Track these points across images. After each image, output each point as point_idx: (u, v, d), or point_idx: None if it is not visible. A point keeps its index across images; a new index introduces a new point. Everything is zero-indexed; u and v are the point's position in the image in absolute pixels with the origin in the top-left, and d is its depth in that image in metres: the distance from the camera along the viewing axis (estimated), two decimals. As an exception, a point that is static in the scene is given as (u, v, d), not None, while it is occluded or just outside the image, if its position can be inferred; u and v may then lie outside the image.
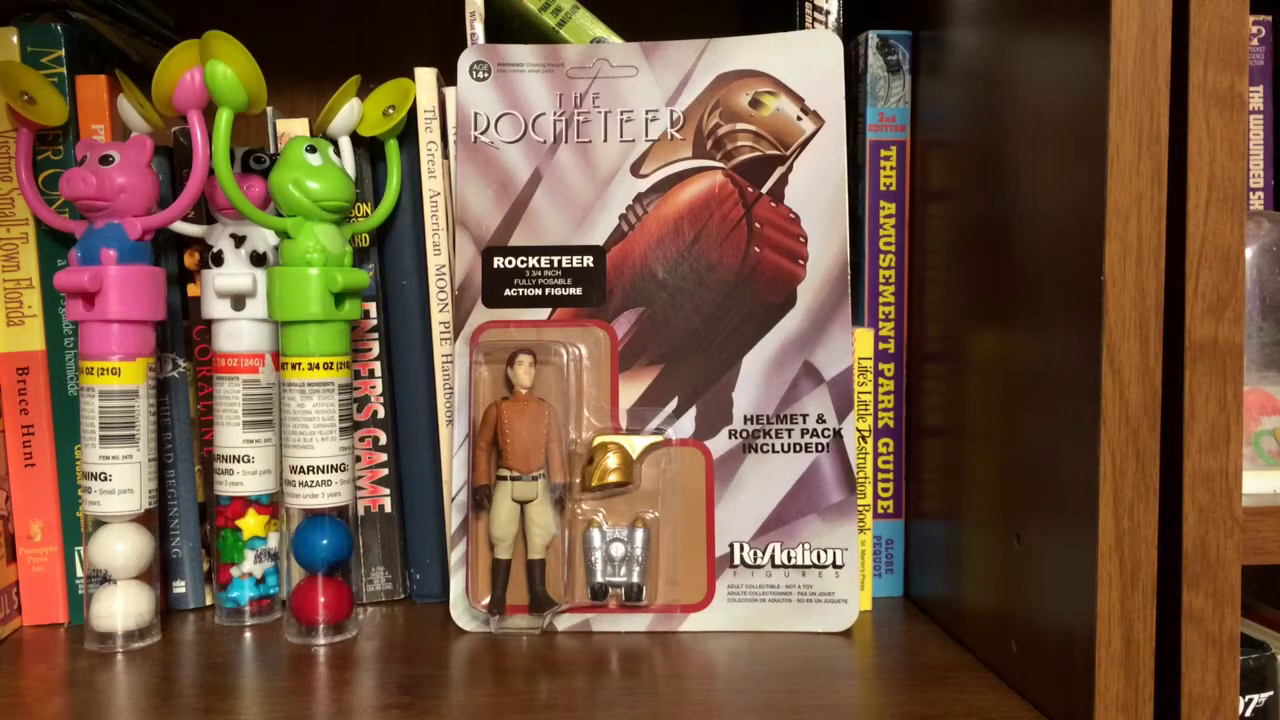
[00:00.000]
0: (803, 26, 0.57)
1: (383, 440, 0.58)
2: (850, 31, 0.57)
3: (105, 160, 0.51)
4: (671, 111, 0.54)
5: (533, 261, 0.54)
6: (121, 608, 0.52)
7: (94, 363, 0.51)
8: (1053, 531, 0.42)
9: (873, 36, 0.56)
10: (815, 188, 0.53)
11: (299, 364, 0.52)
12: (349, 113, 0.55)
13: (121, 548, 0.52)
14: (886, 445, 0.58)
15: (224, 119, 0.50)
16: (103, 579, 0.52)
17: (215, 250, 0.55)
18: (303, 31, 0.70)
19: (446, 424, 0.57)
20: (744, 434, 0.53)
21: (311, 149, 0.52)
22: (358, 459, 0.57)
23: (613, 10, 0.58)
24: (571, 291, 0.54)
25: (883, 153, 0.57)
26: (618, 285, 0.54)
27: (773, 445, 0.53)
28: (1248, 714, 0.45)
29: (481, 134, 0.55)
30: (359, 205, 0.58)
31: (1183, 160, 0.38)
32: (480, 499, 0.53)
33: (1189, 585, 0.39)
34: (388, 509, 0.58)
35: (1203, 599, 0.39)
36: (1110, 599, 0.38)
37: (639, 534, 0.53)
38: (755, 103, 0.54)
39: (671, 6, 0.67)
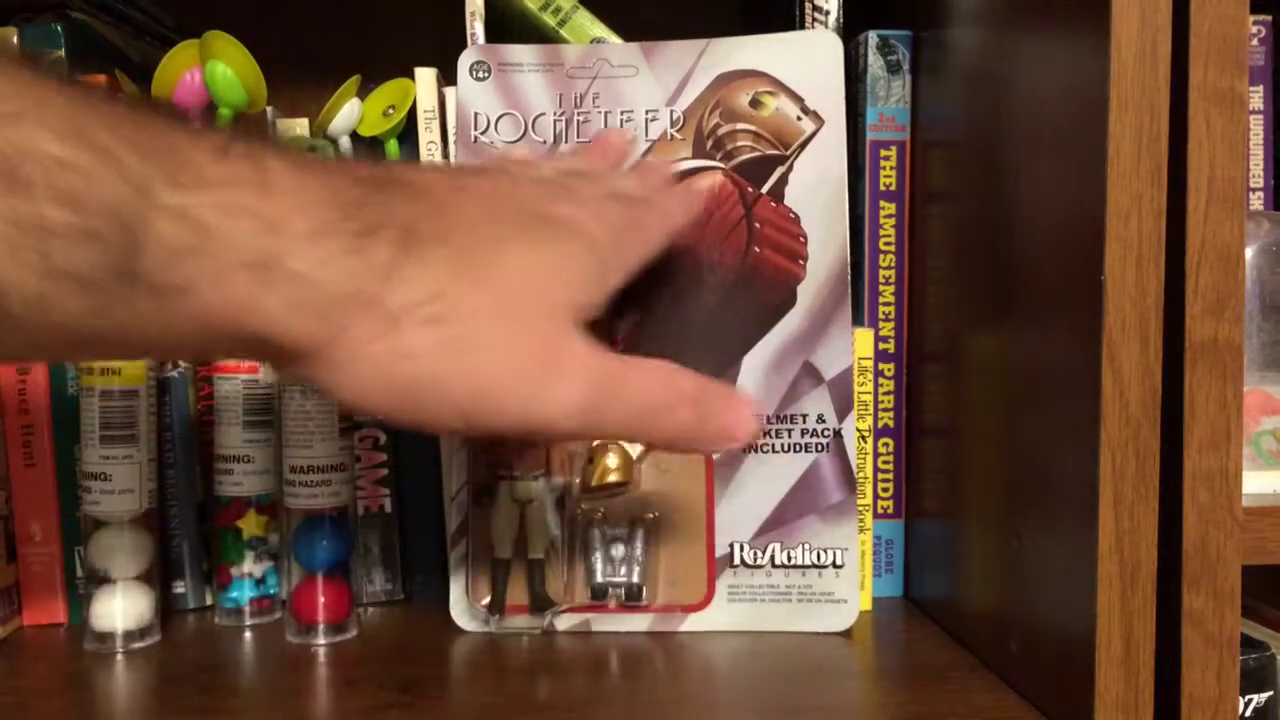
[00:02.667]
0: (803, 26, 0.57)
1: (382, 440, 0.58)
2: (850, 31, 0.57)
3: (105, 160, 0.51)
4: (671, 111, 0.54)
5: (533, 261, 0.54)
6: (121, 608, 0.52)
7: (94, 363, 0.51)
8: (1053, 531, 0.42)
9: (873, 36, 0.56)
10: (815, 188, 0.53)
11: (299, 364, 0.52)
12: (349, 113, 0.55)
13: (121, 548, 0.52)
14: (886, 445, 0.58)
15: (224, 119, 0.50)
16: (102, 579, 0.52)
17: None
18: (303, 31, 0.70)
19: (446, 424, 0.57)
20: (744, 434, 0.53)
21: (311, 149, 0.52)
22: (358, 459, 0.57)
23: (613, 10, 0.57)
24: (571, 291, 0.54)
25: (883, 153, 0.57)
26: (618, 285, 0.54)
27: (773, 445, 0.53)
28: (1248, 714, 0.45)
29: (481, 134, 0.55)
30: (359, 205, 0.57)
31: (1183, 160, 0.38)
32: (480, 498, 0.53)
33: (1189, 585, 0.39)
34: (388, 509, 0.58)
35: (1203, 599, 0.39)
36: (1110, 599, 0.38)
37: (639, 534, 0.53)
38: (755, 103, 0.54)
39: (671, 6, 0.67)
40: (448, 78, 0.56)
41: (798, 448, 0.53)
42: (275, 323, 0.30)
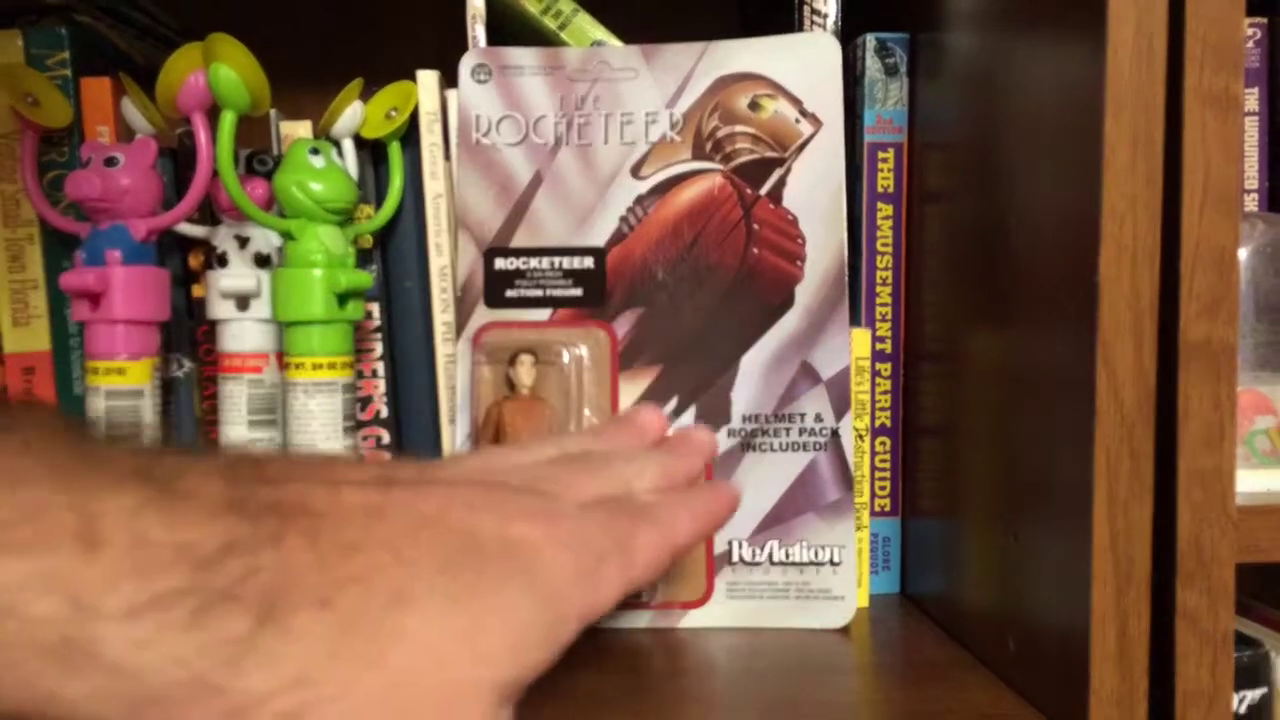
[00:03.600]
0: (801, 29, 0.57)
1: (385, 439, 0.59)
2: (848, 34, 0.57)
3: (110, 162, 0.51)
4: (671, 114, 0.55)
5: (534, 263, 0.54)
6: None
7: (100, 363, 0.51)
8: (1048, 530, 0.42)
9: (870, 39, 0.57)
10: (813, 189, 0.54)
11: (302, 364, 0.52)
12: (352, 115, 0.56)
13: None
14: (883, 444, 0.58)
15: (227, 121, 0.50)
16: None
17: (219, 252, 0.55)
18: (306, 34, 0.70)
19: (449, 423, 0.58)
20: (742, 433, 0.54)
21: (315, 151, 0.52)
22: (361, 459, 0.58)
23: (613, 13, 0.58)
24: (572, 292, 0.54)
25: (880, 155, 0.57)
26: (618, 286, 0.54)
27: (771, 444, 0.53)
28: (1241, 710, 0.45)
29: (483, 136, 0.55)
30: (362, 207, 0.58)
31: (1178, 162, 0.38)
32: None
33: (1183, 583, 0.39)
34: (390, 508, 0.59)
35: (1197, 597, 0.39)
36: (1105, 597, 0.38)
37: (639, 532, 0.53)
38: (754, 105, 0.54)
39: (671, 9, 0.67)
40: (449, 80, 0.57)
41: (796, 447, 0.53)
42: (78, 713, 0.24)
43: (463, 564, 0.28)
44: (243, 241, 0.55)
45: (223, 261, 0.55)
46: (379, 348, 0.59)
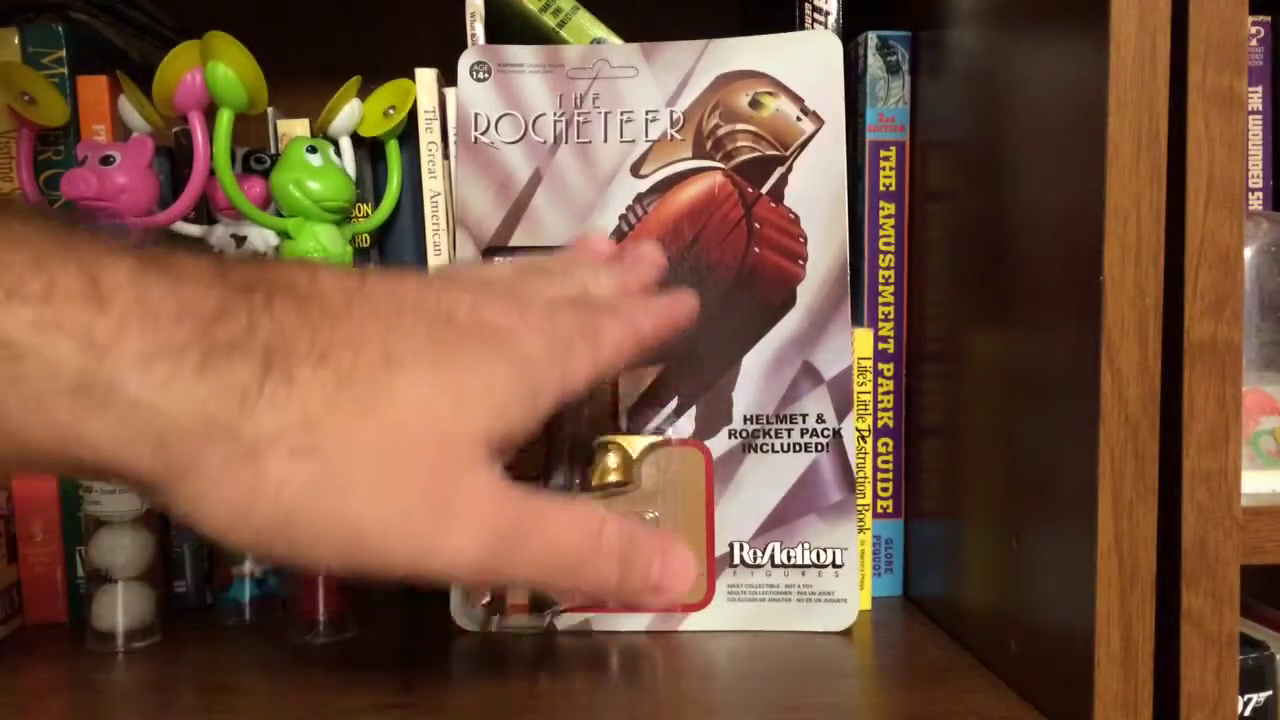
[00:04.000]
0: (802, 27, 0.57)
1: (383, 440, 0.58)
2: (850, 32, 0.57)
3: (106, 161, 0.51)
4: (671, 112, 0.54)
5: (533, 262, 0.54)
6: (122, 607, 0.52)
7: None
8: (1052, 531, 0.42)
9: (872, 37, 0.56)
10: (815, 188, 0.54)
11: (299, 364, 0.52)
12: (350, 113, 0.55)
13: (122, 547, 0.52)
14: (886, 445, 0.58)
15: (224, 119, 0.50)
16: (103, 578, 0.52)
17: (216, 251, 0.55)
18: (304, 32, 0.70)
19: (447, 424, 0.57)
20: (744, 434, 0.53)
21: (312, 149, 0.52)
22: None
23: (613, 11, 0.58)
24: (572, 292, 0.54)
25: (882, 153, 0.57)
26: (618, 285, 0.54)
27: (772, 445, 0.53)
28: (1246, 713, 0.45)
29: (482, 134, 0.55)
30: (359, 205, 0.58)
31: (1182, 161, 0.38)
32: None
33: (1188, 585, 0.39)
34: (388, 509, 0.58)
35: (1202, 599, 0.39)
36: (1109, 599, 0.38)
37: (639, 534, 0.53)
38: (755, 103, 0.54)
39: (671, 7, 0.67)
40: (448, 78, 0.56)
41: (797, 447, 0.53)
42: (104, 453, 0.27)
43: (442, 338, 0.31)
44: (239, 240, 0.55)
45: (220, 261, 0.55)
46: (377, 348, 0.58)
